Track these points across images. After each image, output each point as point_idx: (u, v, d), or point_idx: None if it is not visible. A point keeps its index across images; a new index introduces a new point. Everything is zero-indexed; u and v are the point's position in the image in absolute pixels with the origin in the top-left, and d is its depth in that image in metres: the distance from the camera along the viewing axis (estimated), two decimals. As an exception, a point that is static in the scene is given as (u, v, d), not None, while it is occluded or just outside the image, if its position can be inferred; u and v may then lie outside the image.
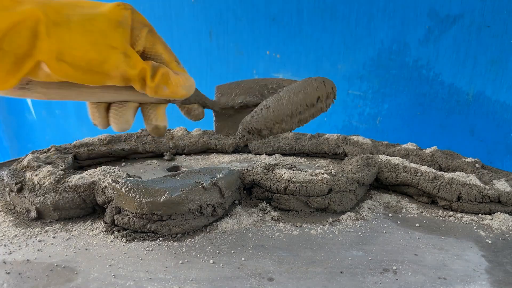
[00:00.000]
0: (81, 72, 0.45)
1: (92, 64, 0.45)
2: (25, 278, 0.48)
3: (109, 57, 0.46)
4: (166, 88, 0.50)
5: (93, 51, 0.45)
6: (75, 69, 0.45)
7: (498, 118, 1.20)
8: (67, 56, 0.44)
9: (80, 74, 0.45)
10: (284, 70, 1.47)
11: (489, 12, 1.12)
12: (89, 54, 0.45)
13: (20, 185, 0.65)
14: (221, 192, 0.62)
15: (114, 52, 0.46)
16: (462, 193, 0.68)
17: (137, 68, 0.48)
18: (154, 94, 0.50)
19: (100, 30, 0.46)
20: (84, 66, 0.45)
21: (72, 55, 0.44)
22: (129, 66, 0.48)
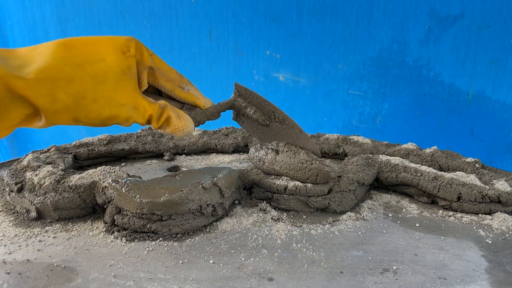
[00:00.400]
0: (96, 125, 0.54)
1: (105, 121, 0.53)
2: (25, 278, 0.48)
3: (119, 113, 0.53)
4: (167, 129, 0.60)
5: (105, 111, 0.52)
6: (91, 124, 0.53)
7: (498, 118, 1.20)
8: (82, 118, 0.51)
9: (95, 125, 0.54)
10: (284, 70, 1.47)
11: (489, 12, 1.12)
12: (102, 114, 0.52)
13: (20, 185, 0.65)
14: (221, 192, 0.62)
15: (124, 109, 0.54)
16: (462, 193, 0.68)
17: (145, 118, 0.56)
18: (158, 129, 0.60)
19: (111, 90, 0.52)
20: (99, 123, 0.53)
21: (87, 118, 0.52)
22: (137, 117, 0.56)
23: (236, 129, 1.03)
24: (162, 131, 0.60)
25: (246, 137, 0.99)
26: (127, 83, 0.54)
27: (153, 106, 0.57)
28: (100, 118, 0.52)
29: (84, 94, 0.50)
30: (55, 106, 0.48)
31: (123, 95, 0.53)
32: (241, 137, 0.99)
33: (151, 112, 0.56)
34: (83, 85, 0.50)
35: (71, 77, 0.49)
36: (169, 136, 0.98)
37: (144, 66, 0.57)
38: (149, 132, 0.98)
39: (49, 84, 0.48)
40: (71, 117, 0.50)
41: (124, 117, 0.54)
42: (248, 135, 0.99)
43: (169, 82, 0.61)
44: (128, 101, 0.54)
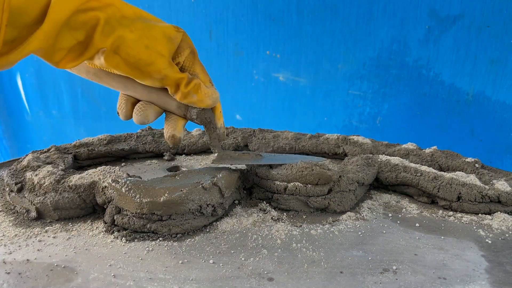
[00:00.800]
0: (129, 67, 0.54)
1: (141, 64, 0.54)
2: (25, 278, 0.48)
3: (156, 61, 0.55)
4: (195, 96, 0.59)
5: (144, 53, 0.54)
6: (126, 64, 0.54)
7: (498, 118, 1.21)
8: (122, 52, 0.52)
9: (127, 69, 0.54)
10: (284, 70, 1.47)
11: (489, 12, 1.12)
12: (141, 54, 0.53)
13: (20, 185, 0.65)
14: (221, 192, 0.62)
15: (161, 58, 0.55)
16: (462, 193, 0.68)
17: (177, 76, 0.57)
18: (183, 99, 0.59)
19: (155, 38, 0.54)
20: (134, 63, 0.54)
21: (126, 52, 0.53)
22: (171, 72, 0.56)
23: (236, 129, 1.03)
24: (188, 100, 0.59)
25: (246, 137, 0.99)
26: (170, 44, 0.56)
27: (183, 73, 0.58)
28: (138, 57, 0.53)
29: (132, 29, 0.52)
30: (108, 23, 0.51)
31: (164, 48, 0.55)
32: (241, 137, 0.99)
33: (182, 75, 0.57)
34: (134, 23, 0.52)
35: (125, 14, 0.52)
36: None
37: (189, 46, 0.59)
38: (149, 132, 0.98)
39: (106, 5, 0.51)
40: (115, 44, 0.52)
41: (159, 67, 0.55)
42: (248, 135, 0.99)
43: (204, 73, 0.62)
44: (167, 55, 0.56)
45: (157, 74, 0.55)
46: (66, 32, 0.49)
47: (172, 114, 0.63)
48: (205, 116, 0.63)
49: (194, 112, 0.62)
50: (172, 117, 0.63)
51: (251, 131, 1.02)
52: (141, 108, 0.61)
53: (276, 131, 1.03)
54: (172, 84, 0.57)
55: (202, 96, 0.60)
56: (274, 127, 1.06)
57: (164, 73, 0.56)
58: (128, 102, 0.62)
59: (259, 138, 0.98)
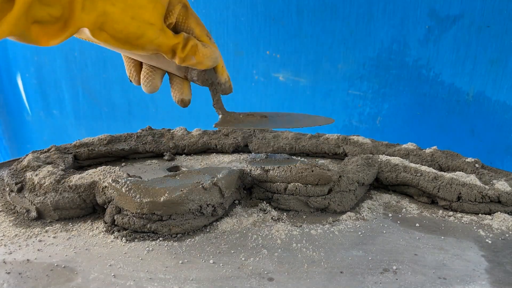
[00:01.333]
0: (119, 42, 0.50)
1: (130, 37, 0.50)
2: (25, 278, 0.48)
3: (146, 32, 0.51)
4: (193, 58, 0.56)
5: (132, 26, 0.50)
6: (115, 39, 0.50)
7: (499, 118, 1.21)
8: (108, 28, 0.49)
9: (118, 44, 0.51)
10: (284, 70, 1.47)
11: (489, 12, 1.12)
12: (128, 28, 0.49)
13: (20, 185, 0.65)
14: (221, 192, 0.62)
15: (151, 28, 0.51)
16: (462, 193, 0.68)
17: (171, 43, 0.53)
18: (182, 62, 0.56)
19: (140, 6, 0.50)
20: (123, 38, 0.50)
21: (113, 28, 0.49)
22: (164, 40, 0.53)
23: (236, 129, 1.03)
24: (187, 64, 0.56)
25: (246, 137, 0.99)
26: (158, 7, 0.52)
27: (179, 35, 0.55)
28: (126, 31, 0.49)
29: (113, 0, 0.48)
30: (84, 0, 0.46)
31: (153, 15, 0.51)
32: (241, 137, 0.99)
33: (177, 40, 0.54)
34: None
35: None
36: (169, 136, 0.98)
37: (179, 1, 0.55)
38: (149, 132, 0.98)
39: None
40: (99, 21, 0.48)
41: (150, 38, 0.51)
42: (248, 135, 0.99)
43: (199, 26, 0.58)
44: (157, 22, 0.52)
45: (149, 45, 0.52)
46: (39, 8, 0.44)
47: (176, 76, 0.61)
48: (206, 77, 0.61)
49: (195, 74, 0.60)
50: (176, 80, 0.61)
51: (251, 131, 1.02)
52: (147, 78, 0.59)
53: (276, 131, 1.03)
54: (167, 51, 0.55)
55: (201, 58, 0.57)
56: (272, 128, 1.06)
57: (156, 43, 0.52)
58: (136, 67, 0.60)
59: (259, 138, 0.98)
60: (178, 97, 0.61)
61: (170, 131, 1.01)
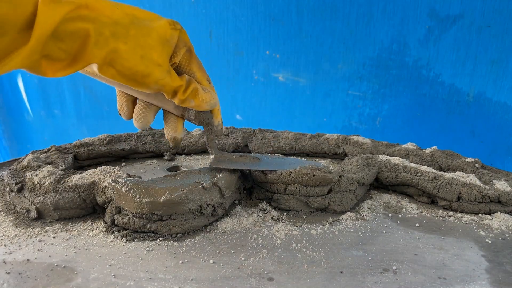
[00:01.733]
0: (125, 79, 0.52)
1: (137, 76, 0.52)
2: (25, 278, 0.48)
3: (153, 72, 0.52)
4: (192, 101, 0.59)
5: (141, 65, 0.51)
6: (121, 76, 0.51)
7: (499, 119, 1.21)
8: (117, 64, 0.50)
9: (124, 80, 0.52)
10: (283, 70, 1.47)
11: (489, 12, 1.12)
12: (137, 66, 0.51)
13: (20, 185, 0.65)
14: (221, 192, 0.62)
15: (158, 69, 0.53)
16: (462, 193, 0.68)
17: (174, 85, 0.55)
18: (181, 103, 0.58)
19: (151, 46, 0.52)
20: (130, 75, 0.51)
21: (122, 65, 0.50)
22: (168, 81, 0.55)
23: (236, 129, 1.03)
24: (186, 105, 0.59)
25: (246, 137, 0.99)
26: (167, 49, 0.54)
27: (182, 77, 0.57)
28: (134, 69, 0.51)
29: (126, 39, 0.49)
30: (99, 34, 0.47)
31: (161, 56, 0.53)
32: (241, 137, 0.99)
33: (180, 82, 0.56)
34: (127, 30, 0.50)
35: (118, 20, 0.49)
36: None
37: (185, 44, 0.57)
38: (149, 132, 0.98)
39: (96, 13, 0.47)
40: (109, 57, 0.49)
41: (157, 77, 0.53)
42: (248, 135, 0.99)
43: (201, 71, 0.60)
44: (164, 63, 0.54)
45: (154, 84, 0.54)
46: (52, 43, 0.45)
47: (171, 113, 0.63)
48: (203, 117, 0.63)
49: (192, 114, 0.62)
50: (171, 117, 0.63)
51: (251, 131, 1.02)
52: (140, 113, 0.60)
53: (276, 131, 1.03)
54: (169, 92, 0.56)
55: (200, 102, 0.59)
56: (273, 127, 1.06)
57: (161, 83, 0.54)
58: (128, 102, 0.61)
59: (259, 138, 0.98)
60: (171, 135, 0.63)
61: (170, 131, 1.01)
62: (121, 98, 0.61)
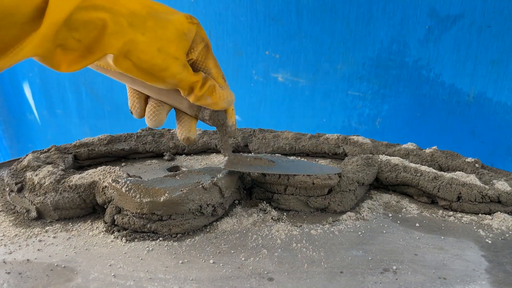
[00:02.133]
0: (141, 72, 0.50)
1: (154, 69, 0.50)
2: (25, 278, 0.48)
3: (170, 66, 0.51)
4: (209, 98, 0.57)
5: (158, 57, 0.50)
6: (137, 69, 0.50)
7: (500, 119, 1.20)
8: (134, 57, 0.48)
9: (140, 73, 0.50)
10: (283, 70, 1.47)
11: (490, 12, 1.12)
12: (154, 59, 0.49)
13: (20, 185, 0.65)
14: (221, 192, 0.62)
15: (176, 62, 0.51)
16: (462, 193, 0.68)
17: (191, 80, 0.54)
18: (197, 101, 0.56)
19: (168, 39, 0.50)
20: (146, 68, 0.50)
21: (138, 57, 0.48)
22: (186, 76, 0.53)
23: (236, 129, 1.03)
24: (201, 103, 0.57)
25: (246, 137, 0.99)
26: (184, 43, 0.52)
27: (198, 73, 0.55)
28: (151, 63, 0.49)
29: (143, 30, 0.48)
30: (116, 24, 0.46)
31: (178, 50, 0.52)
32: (241, 137, 0.99)
33: (197, 78, 0.55)
34: (145, 21, 0.48)
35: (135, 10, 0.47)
36: (169, 136, 0.98)
37: (202, 40, 0.56)
38: (149, 132, 0.98)
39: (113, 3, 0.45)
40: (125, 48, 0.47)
41: (173, 71, 0.51)
42: (248, 135, 0.99)
43: (217, 68, 0.58)
44: (181, 57, 0.52)
45: (171, 79, 0.52)
46: (65, 32, 0.43)
47: (183, 113, 0.61)
48: (218, 118, 0.61)
49: (207, 113, 0.60)
50: (184, 117, 0.61)
51: (251, 131, 1.02)
52: (153, 111, 0.58)
53: (276, 131, 1.03)
54: (186, 88, 0.55)
55: (217, 99, 0.57)
56: (273, 128, 1.06)
57: (178, 78, 0.53)
58: (140, 100, 0.59)
59: (259, 138, 0.98)
60: (185, 135, 0.61)
61: (170, 131, 1.01)
62: (132, 95, 0.59)
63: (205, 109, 0.60)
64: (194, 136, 0.62)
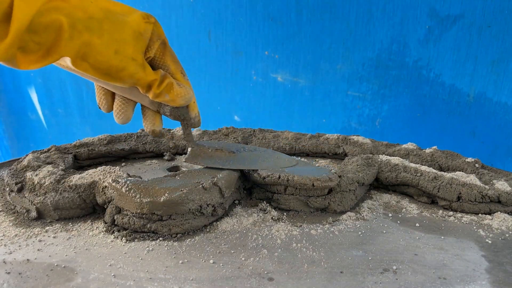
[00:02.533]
0: (99, 73, 0.51)
1: (111, 70, 0.51)
2: (25, 278, 0.48)
3: (127, 66, 0.52)
4: (167, 96, 0.58)
5: (115, 59, 0.51)
6: (95, 70, 0.51)
7: (500, 119, 1.20)
8: (91, 59, 0.50)
9: (98, 74, 0.51)
10: (282, 71, 1.47)
11: (490, 12, 1.12)
12: (111, 61, 0.51)
13: (20, 185, 0.65)
14: (221, 192, 0.62)
15: (133, 63, 0.53)
16: (462, 193, 0.68)
17: (149, 79, 0.55)
18: (156, 98, 0.58)
19: (125, 41, 0.52)
20: (104, 69, 0.51)
21: (95, 59, 0.50)
22: (143, 75, 0.54)
23: (236, 129, 1.03)
24: (160, 100, 0.58)
25: (246, 137, 0.99)
26: (140, 43, 0.54)
27: (156, 71, 0.57)
28: (108, 64, 0.51)
29: (100, 33, 0.49)
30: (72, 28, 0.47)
31: (135, 50, 0.53)
32: (241, 137, 0.99)
33: (155, 76, 0.56)
34: (101, 25, 0.49)
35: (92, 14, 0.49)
36: (169, 136, 0.98)
37: (159, 37, 0.57)
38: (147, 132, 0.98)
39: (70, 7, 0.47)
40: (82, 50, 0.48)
41: (131, 72, 0.53)
42: (248, 135, 0.99)
43: (175, 63, 0.60)
44: (138, 57, 0.54)
45: (129, 78, 0.54)
46: (27, 36, 0.45)
47: (147, 108, 0.63)
48: (179, 113, 0.63)
49: (167, 109, 0.62)
50: (148, 111, 0.63)
51: (251, 131, 1.02)
52: (120, 109, 0.61)
53: (276, 131, 1.03)
54: (144, 86, 0.56)
55: (174, 97, 0.59)
56: (272, 128, 1.06)
57: (136, 77, 0.54)
58: (107, 96, 0.61)
59: (259, 138, 0.98)
60: (150, 128, 0.64)
61: (170, 131, 1.01)
62: (99, 92, 0.61)
63: (166, 105, 0.62)
64: (159, 128, 0.64)
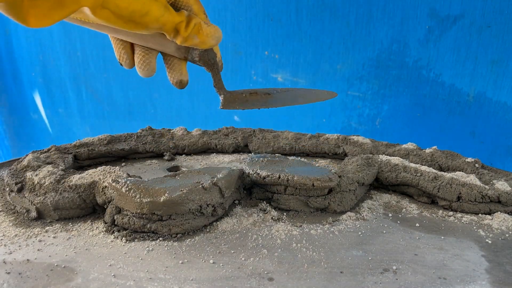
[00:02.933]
0: (122, 20, 0.47)
1: (134, 15, 0.47)
2: (25, 278, 0.48)
3: (151, 9, 0.48)
4: (196, 38, 0.54)
5: (137, 3, 0.47)
6: (117, 17, 0.47)
7: (500, 119, 1.20)
8: (111, 5, 0.45)
9: (120, 22, 0.48)
10: (282, 71, 1.47)
11: (490, 12, 1.12)
12: (133, 5, 0.46)
13: (20, 185, 0.65)
14: (221, 192, 0.62)
15: (156, 5, 0.48)
16: (462, 193, 0.68)
17: (175, 21, 0.51)
18: (184, 42, 0.53)
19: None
20: (126, 15, 0.47)
21: (116, 5, 0.46)
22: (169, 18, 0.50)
23: (236, 129, 1.03)
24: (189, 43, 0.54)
25: (246, 137, 0.99)
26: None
27: (180, 13, 0.52)
28: (130, 9, 0.46)
29: None
30: None
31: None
32: (241, 137, 0.99)
33: (180, 18, 0.52)
34: None
35: None
36: (169, 136, 0.98)
37: None
38: (149, 132, 0.98)
39: None
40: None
41: (155, 15, 0.49)
42: (248, 135, 0.99)
43: (197, 3, 0.56)
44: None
45: (154, 23, 0.49)
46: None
47: (172, 56, 0.59)
48: (209, 57, 0.59)
49: (196, 54, 0.58)
50: (173, 60, 0.59)
51: (251, 131, 1.02)
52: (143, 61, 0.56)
53: (276, 131, 1.03)
54: (170, 30, 0.52)
55: (205, 37, 0.54)
56: (273, 128, 1.06)
57: (161, 21, 0.50)
58: (127, 49, 0.57)
59: (259, 138, 0.98)
60: (177, 78, 0.59)
61: (170, 131, 1.01)
62: (117, 46, 0.57)
63: (194, 49, 0.58)
64: (186, 78, 0.60)
